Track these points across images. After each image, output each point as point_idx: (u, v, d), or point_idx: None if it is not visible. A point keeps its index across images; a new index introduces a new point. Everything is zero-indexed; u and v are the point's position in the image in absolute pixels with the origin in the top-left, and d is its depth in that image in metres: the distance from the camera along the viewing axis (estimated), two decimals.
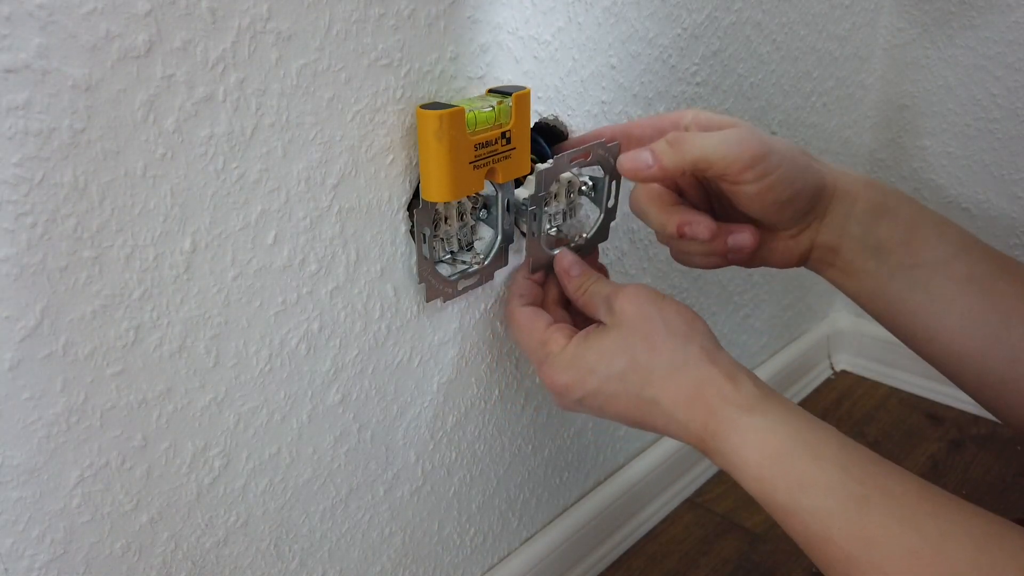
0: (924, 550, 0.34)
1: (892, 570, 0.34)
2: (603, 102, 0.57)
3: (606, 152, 0.52)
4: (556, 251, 0.52)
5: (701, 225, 0.47)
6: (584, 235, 0.55)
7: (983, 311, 0.46)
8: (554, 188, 0.52)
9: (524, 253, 0.53)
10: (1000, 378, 0.46)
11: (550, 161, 0.49)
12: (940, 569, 0.33)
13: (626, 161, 0.46)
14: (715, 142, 0.44)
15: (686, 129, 0.48)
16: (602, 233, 0.56)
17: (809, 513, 0.37)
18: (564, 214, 0.54)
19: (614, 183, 0.55)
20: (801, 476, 0.38)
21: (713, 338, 0.45)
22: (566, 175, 0.53)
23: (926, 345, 0.49)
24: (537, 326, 0.49)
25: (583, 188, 0.54)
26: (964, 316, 0.46)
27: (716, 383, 0.43)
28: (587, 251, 0.56)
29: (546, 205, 0.52)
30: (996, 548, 0.34)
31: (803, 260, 0.51)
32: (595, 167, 0.53)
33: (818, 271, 0.52)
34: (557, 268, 0.52)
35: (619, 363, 0.45)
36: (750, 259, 0.50)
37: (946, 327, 0.47)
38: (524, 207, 0.50)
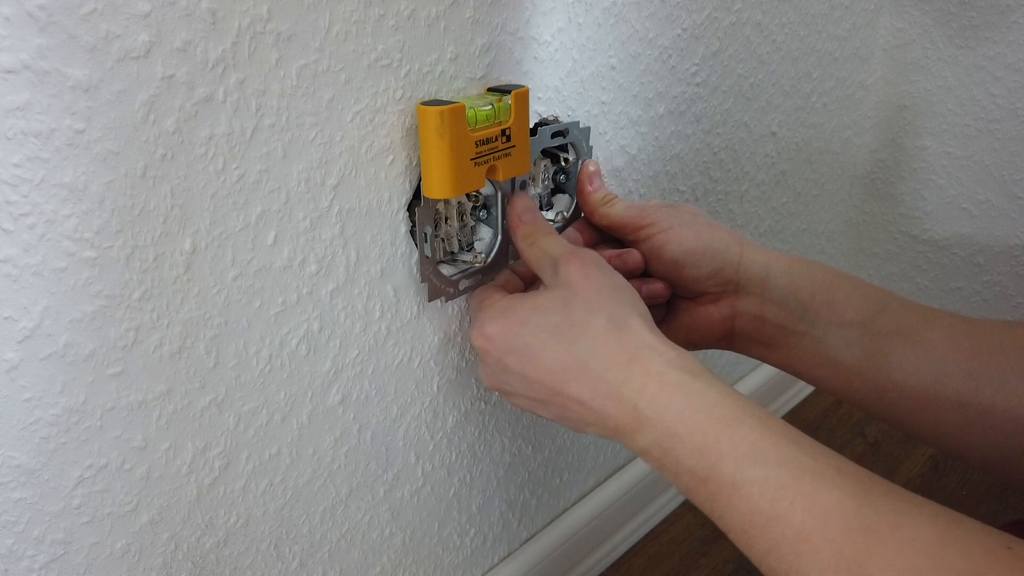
0: (880, 526, 0.32)
1: (847, 546, 0.32)
2: (603, 102, 0.57)
3: (580, 135, 0.53)
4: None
5: (626, 261, 0.52)
6: (564, 214, 0.56)
7: (917, 359, 0.46)
8: (533, 171, 0.53)
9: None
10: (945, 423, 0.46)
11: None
12: (899, 545, 0.31)
13: (593, 177, 0.53)
14: (619, 208, 0.52)
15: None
16: (578, 214, 0.57)
17: (759, 485, 0.34)
18: (540, 198, 0.55)
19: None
20: (753, 445, 0.35)
21: (652, 320, 0.44)
22: (544, 161, 0.54)
23: (875, 402, 0.49)
24: (485, 291, 0.49)
25: (558, 174, 0.55)
26: (901, 368, 0.47)
27: (657, 348, 0.40)
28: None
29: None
30: (954, 526, 0.32)
31: (728, 331, 0.51)
32: (569, 157, 0.54)
33: (748, 351, 0.53)
34: (510, 211, 0.49)
35: (554, 317, 0.42)
36: (671, 321, 0.53)
37: (893, 382, 0.47)
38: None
